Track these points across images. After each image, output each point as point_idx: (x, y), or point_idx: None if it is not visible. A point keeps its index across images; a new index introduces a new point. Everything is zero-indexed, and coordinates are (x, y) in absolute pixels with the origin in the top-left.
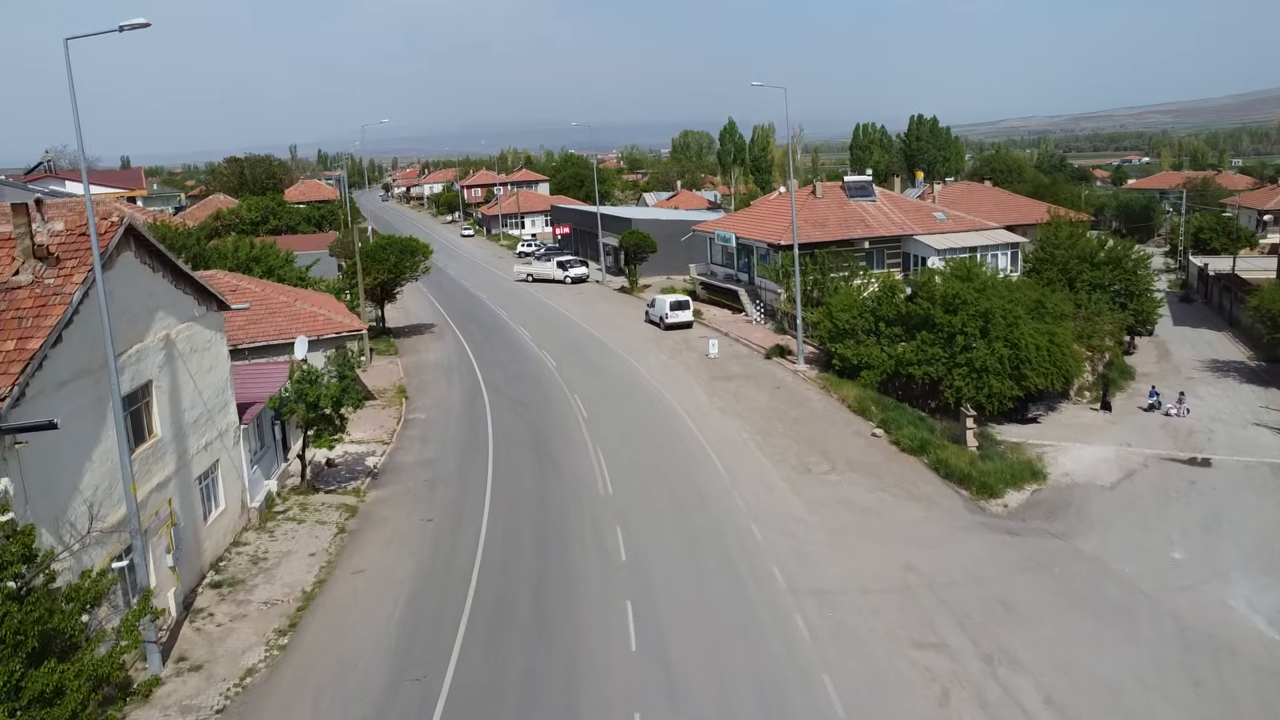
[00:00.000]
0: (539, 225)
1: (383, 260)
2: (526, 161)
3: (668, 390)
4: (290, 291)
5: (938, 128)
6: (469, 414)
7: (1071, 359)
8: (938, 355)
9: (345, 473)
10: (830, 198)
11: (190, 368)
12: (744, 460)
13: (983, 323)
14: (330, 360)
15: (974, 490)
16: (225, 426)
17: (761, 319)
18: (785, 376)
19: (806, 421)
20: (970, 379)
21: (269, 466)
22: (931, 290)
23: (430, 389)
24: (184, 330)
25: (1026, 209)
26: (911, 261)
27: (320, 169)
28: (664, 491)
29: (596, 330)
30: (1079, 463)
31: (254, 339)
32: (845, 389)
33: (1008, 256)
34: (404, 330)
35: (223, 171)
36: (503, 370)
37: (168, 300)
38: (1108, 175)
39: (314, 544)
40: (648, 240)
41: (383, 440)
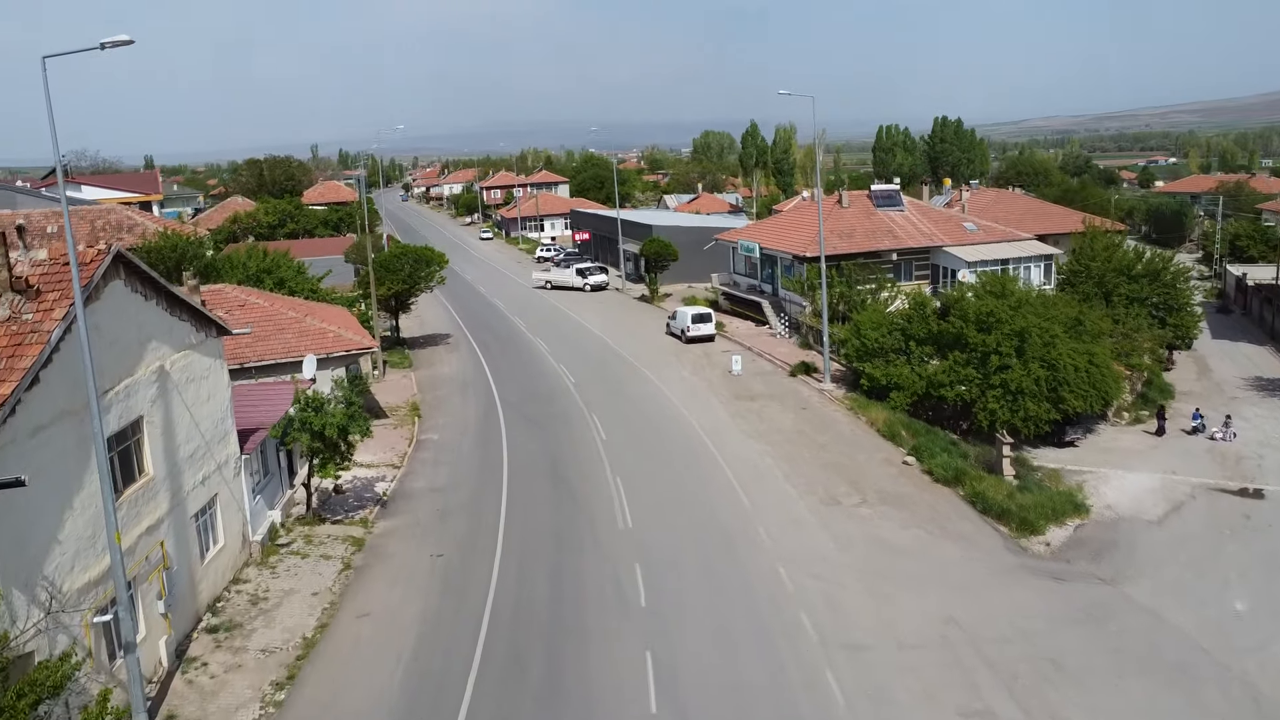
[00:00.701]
0: (558, 228)
1: (397, 270)
2: (547, 162)
3: (689, 410)
4: (301, 306)
5: (962, 129)
6: (483, 435)
7: (1111, 380)
8: (971, 376)
9: (353, 500)
10: (857, 207)
11: (187, 399)
12: (769, 490)
13: (1018, 342)
14: (337, 384)
15: (1013, 527)
16: (225, 458)
17: (786, 332)
18: (811, 396)
19: (834, 447)
20: (1005, 401)
21: (273, 495)
22: (964, 308)
23: (444, 406)
24: (180, 359)
25: (1058, 217)
26: (941, 274)
27: (340, 169)
28: (686, 526)
29: (616, 342)
30: (1122, 493)
31: (261, 357)
32: (874, 411)
33: (1041, 269)
34: (419, 341)
35: (242, 173)
36: (519, 386)
37: (162, 329)
38: (1134, 177)
39: (317, 582)
40: (669, 249)
41: (393, 464)
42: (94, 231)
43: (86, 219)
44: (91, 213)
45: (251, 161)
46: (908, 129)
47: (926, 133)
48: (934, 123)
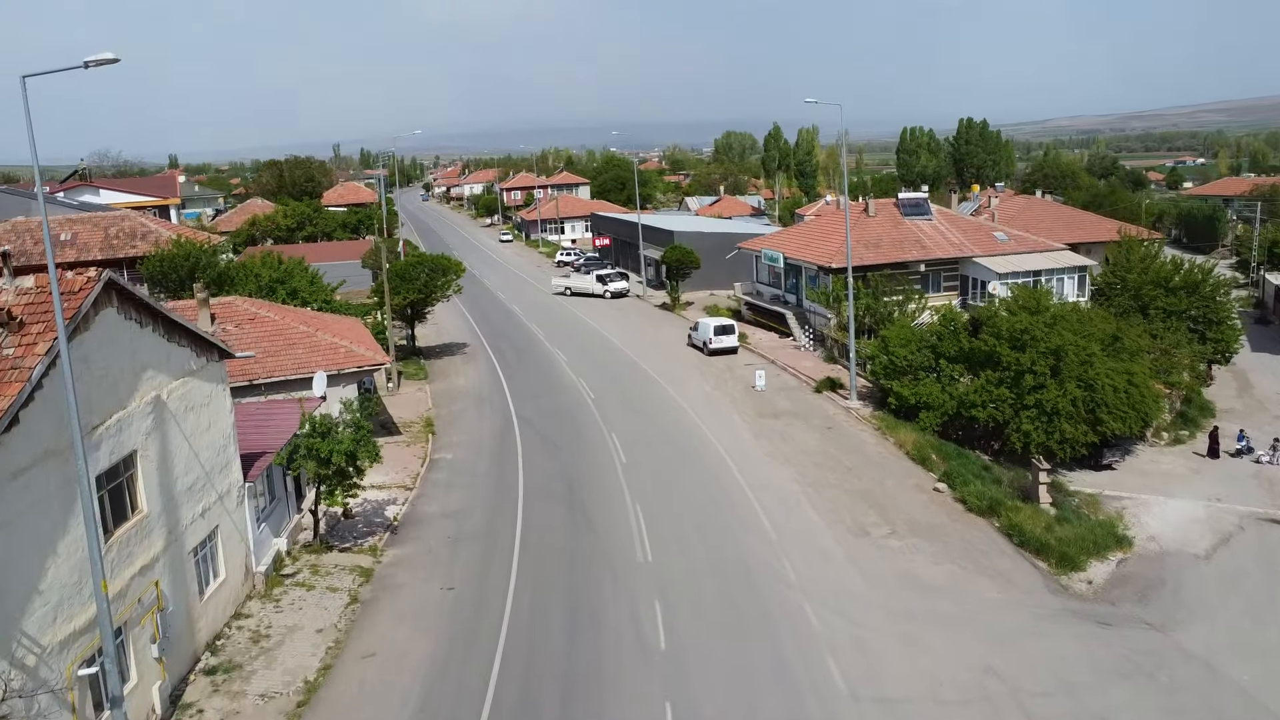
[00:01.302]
0: (578, 231)
1: (413, 279)
2: (568, 162)
3: (711, 428)
4: (313, 319)
5: (988, 131)
6: (499, 455)
7: (1151, 400)
8: (1004, 396)
9: (363, 525)
10: (884, 216)
11: (185, 429)
12: (794, 518)
13: (1054, 361)
14: (346, 406)
15: (1053, 563)
16: (227, 487)
17: (810, 345)
18: (837, 414)
19: (861, 471)
20: (1040, 423)
21: (279, 521)
22: (997, 324)
23: (459, 422)
24: (178, 388)
25: (1090, 225)
26: (970, 285)
27: (361, 168)
28: (707, 558)
29: (636, 354)
30: (1165, 523)
31: (271, 373)
32: (902, 432)
33: (1074, 280)
34: (435, 350)
35: (262, 174)
36: (536, 402)
37: (159, 357)
38: (1162, 178)
39: (322, 617)
40: (691, 256)
41: (405, 485)
42: (107, 239)
43: (100, 226)
44: (105, 220)
45: (271, 163)
46: (932, 131)
47: (950, 133)
48: (959, 124)
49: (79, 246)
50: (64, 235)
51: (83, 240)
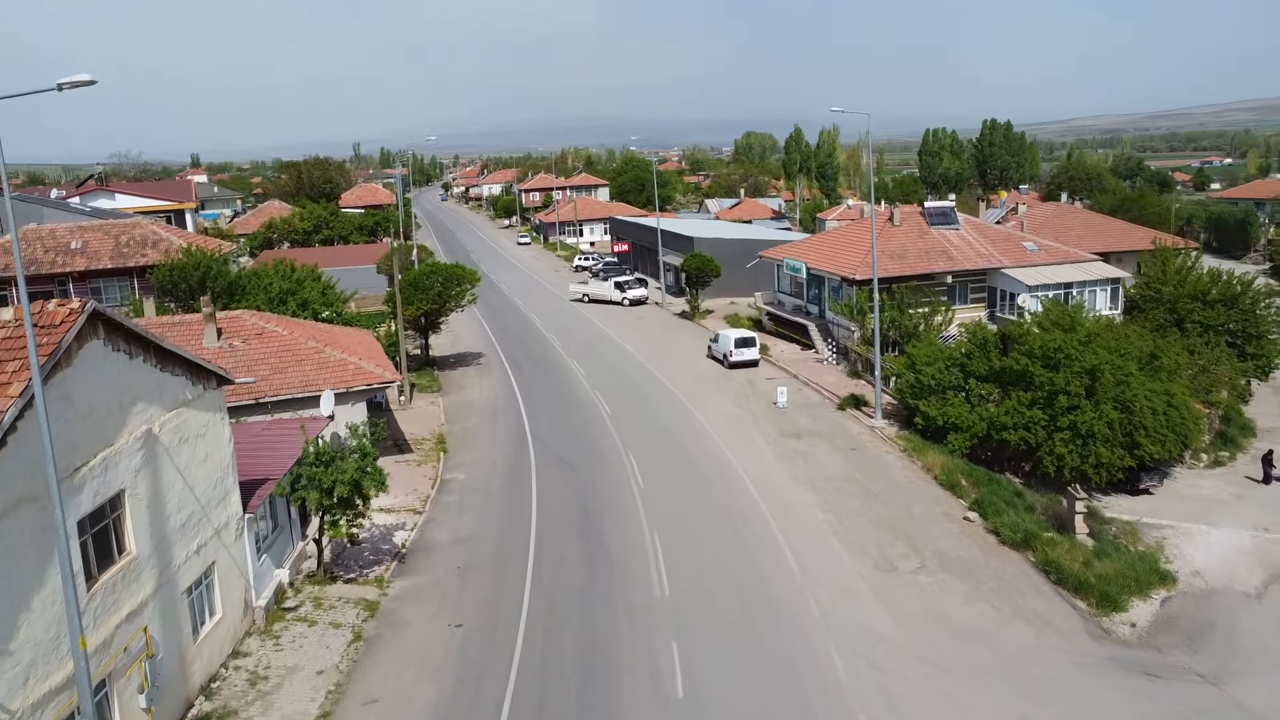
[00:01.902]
0: (597, 233)
1: (427, 289)
2: (587, 163)
3: (732, 449)
4: (323, 332)
5: (1011, 132)
6: (512, 477)
7: (1191, 422)
8: (1036, 418)
9: (369, 552)
10: (909, 225)
11: (179, 462)
12: (818, 549)
13: (1088, 381)
14: (351, 431)
15: (1093, 602)
16: (225, 520)
17: (833, 358)
18: (861, 434)
19: (888, 497)
20: (1074, 446)
21: (282, 551)
22: (1029, 342)
23: (472, 440)
24: (172, 419)
25: (1120, 234)
26: (998, 297)
27: (380, 168)
28: (728, 594)
29: (655, 366)
30: (1209, 555)
31: (278, 391)
32: (930, 455)
33: (1107, 293)
34: (450, 361)
35: (280, 176)
36: (552, 418)
37: (150, 388)
38: (1188, 179)
39: (323, 657)
40: (711, 265)
41: (414, 509)
42: (118, 247)
43: (111, 234)
44: (116, 227)
45: (289, 164)
46: (955, 132)
47: (971, 133)
48: (983, 126)
49: (89, 254)
50: (74, 243)
51: (93, 248)
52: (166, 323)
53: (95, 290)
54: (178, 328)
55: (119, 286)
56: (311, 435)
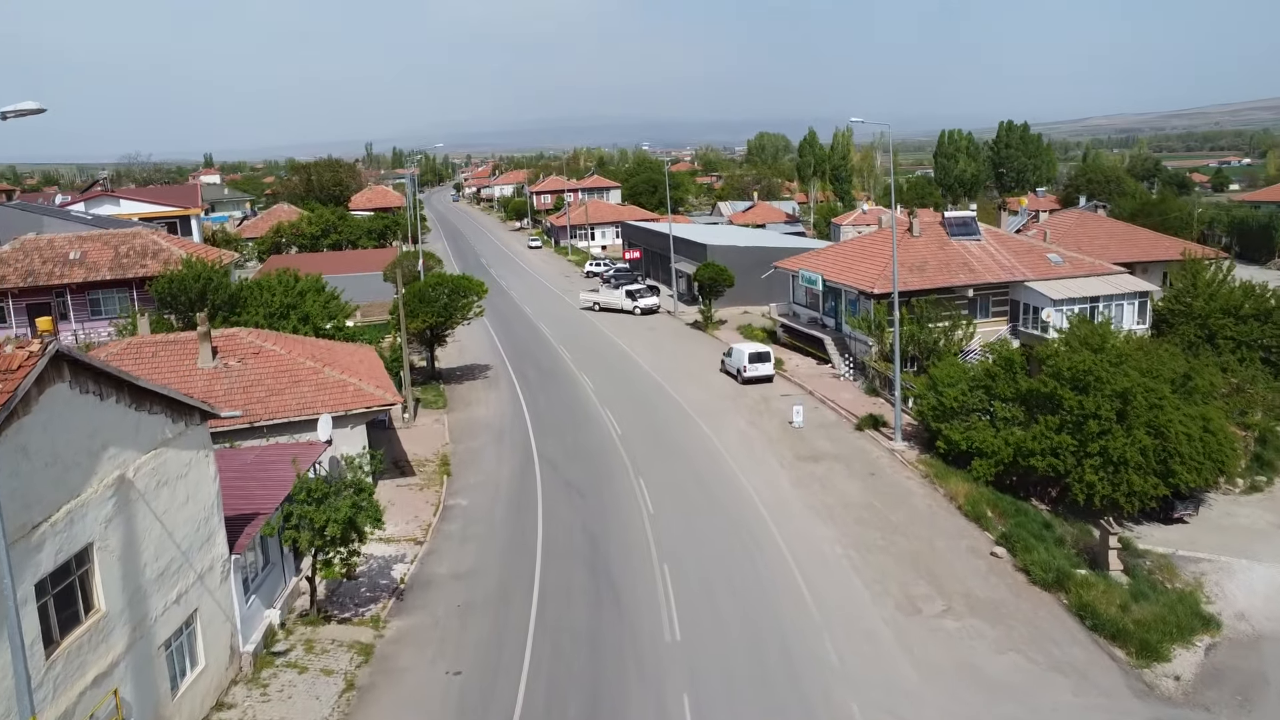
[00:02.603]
0: (608, 237)
1: (432, 301)
2: (599, 163)
3: (746, 474)
4: (323, 350)
5: (1028, 134)
6: (518, 503)
7: (1228, 448)
8: (1064, 443)
9: (366, 588)
10: (929, 236)
11: (157, 507)
12: (837, 588)
13: (1120, 405)
14: (347, 464)
15: (1133, 652)
16: (210, 563)
17: (850, 374)
18: (881, 458)
19: (909, 529)
20: (1105, 473)
21: (273, 589)
22: (1057, 363)
23: (477, 461)
24: (149, 462)
25: (1147, 243)
26: (1021, 311)
27: (392, 168)
28: (742, 638)
29: (667, 381)
30: (1252, 593)
31: (274, 414)
32: (954, 482)
33: (1134, 307)
34: (456, 374)
35: (290, 178)
36: (560, 438)
37: (124, 431)
38: (1206, 180)
39: (313, 709)
40: (724, 274)
41: (415, 538)
42: (118, 257)
43: (111, 244)
44: (116, 237)
45: (299, 166)
46: (971, 134)
47: (985, 133)
48: (999, 128)
49: (88, 265)
50: (73, 254)
51: (92, 259)
52: (161, 341)
53: (94, 302)
54: (171, 346)
55: (118, 298)
56: (307, 464)
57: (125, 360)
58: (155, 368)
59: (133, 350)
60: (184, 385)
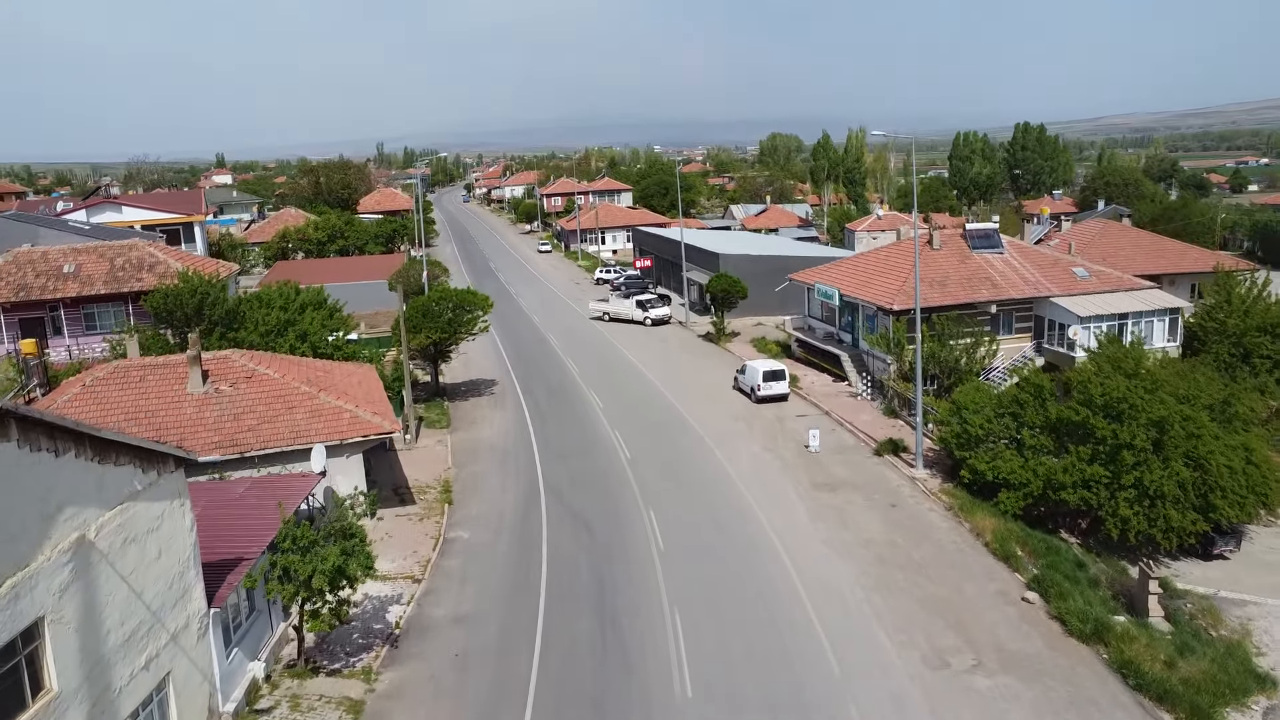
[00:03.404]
0: (619, 241)
1: (436, 317)
2: (610, 164)
3: (761, 505)
4: (320, 373)
5: (1045, 136)
6: (521, 537)
7: (1273, 480)
8: (1097, 475)
9: (358, 633)
10: (950, 249)
11: (124, 566)
12: (860, 639)
13: (1156, 434)
14: (338, 505)
15: (1183, 717)
16: (185, 621)
17: (867, 393)
18: (902, 487)
19: (934, 568)
20: (1140, 508)
21: (258, 639)
22: (1089, 390)
23: (480, 488)
24: (114, 519)
25: (1175, 255)
26: (1046, 327)
27: (403, 168)
28: (760, 699)
29: (677, 398)
30: None
31: (266, 443)
32: (980, 516)
33: (1165, 324)
34: (461, 390)
35: (299, 181)
36: (566, 463)
37: (84, 488)
38: (1224, 180)
39: None
40: (738, 286)
41: (413, 575)
42: (113, 270)
43: (106, 257)
44: (112, 250)
45: (308, 168)
46: (986, 136)
47: (997, 132)
48: (1015, 129)
49: (82, 279)
50: (66, 266)
51: (86, 271)
52: (149, 365)
53: (89, 316)
54: (160, 371)
55: (114, 312)
56: (297, 500)
57: (112, 385)
58: (143, 393)
59: (120, 375)
60: (172, 412)
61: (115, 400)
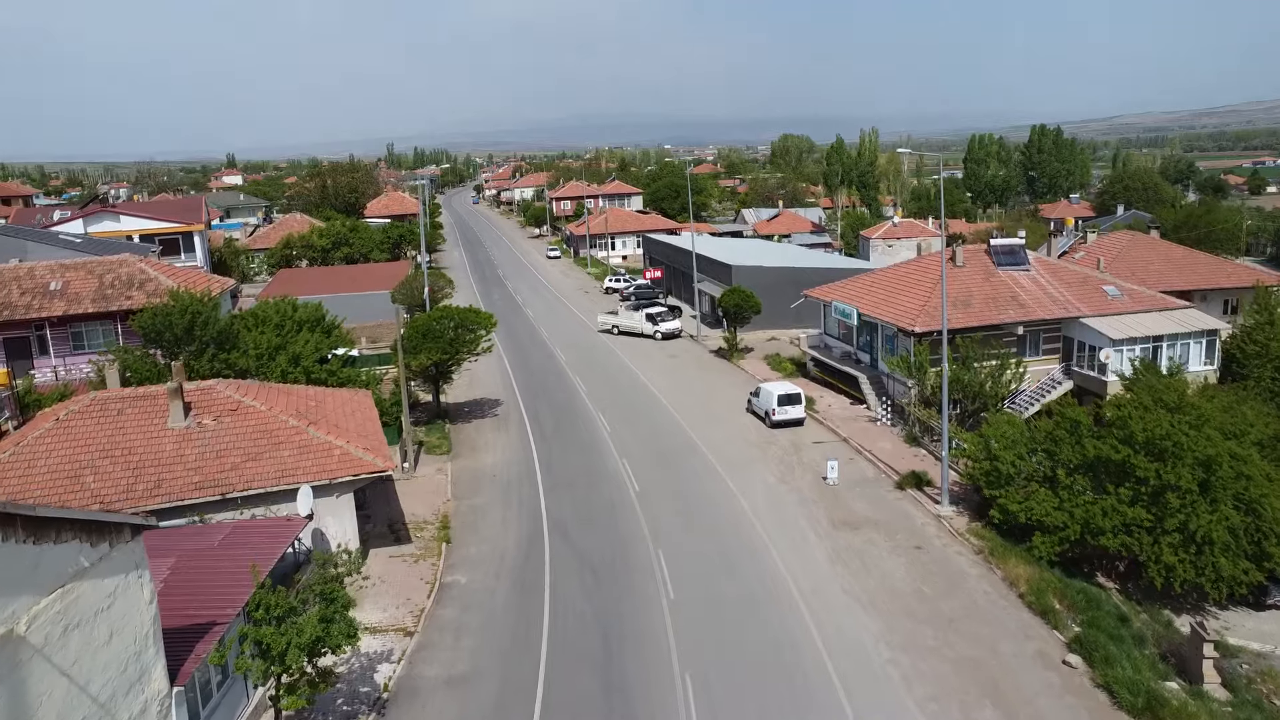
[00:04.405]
0: (629, 247)
1: (437, 336)
2: (620, 166)
3: (778, 545)
4: (311, 402)
5: (1061, 139)
6: (523, 582)
7: None
8: (1139, 518)
9: (343, 697)
10: (973, 265)
11: (64, 658)
12: (887, 708)
13: (1203, 474)
14: (318, 563)
15: None
16: (142, 706)
17: (887, 418)
18: (927, 526)
19: (966, 623)
20: (1186, 554)
21: (234, 707)
22: (1129, 426)
23: (480, 524)
24: (50, 606)
25: (1207, 270)
26: (1075, 349)
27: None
28: None
29: (689, 422)
30: None
31: (249, 483)
32: (1013, 562)
33: (1201, 346)
34: (464, 410)
35: (306, 184)
36: (572, 494)
37: (16, 574)
38: (1242, 182)
39: None
40: (751, 301)
41: (405, 628)
42: (101, 288)
43: (95, 273)
44: (101, 266)
45: (314, 172)
46: (1001, 138)
47: (1010, 132)
48: (1031, 132)
49: (69, 297)
50: (53, 284)
51: (74, 289)
52: (129, 397)
53: (76, 335)
54: (140, 403)
55: (102, 331)
56: (283, 546)
57: (87, 419)
58: (120, 428)
59: (97, 407)
60: (150, 449)
61: (90, 436)
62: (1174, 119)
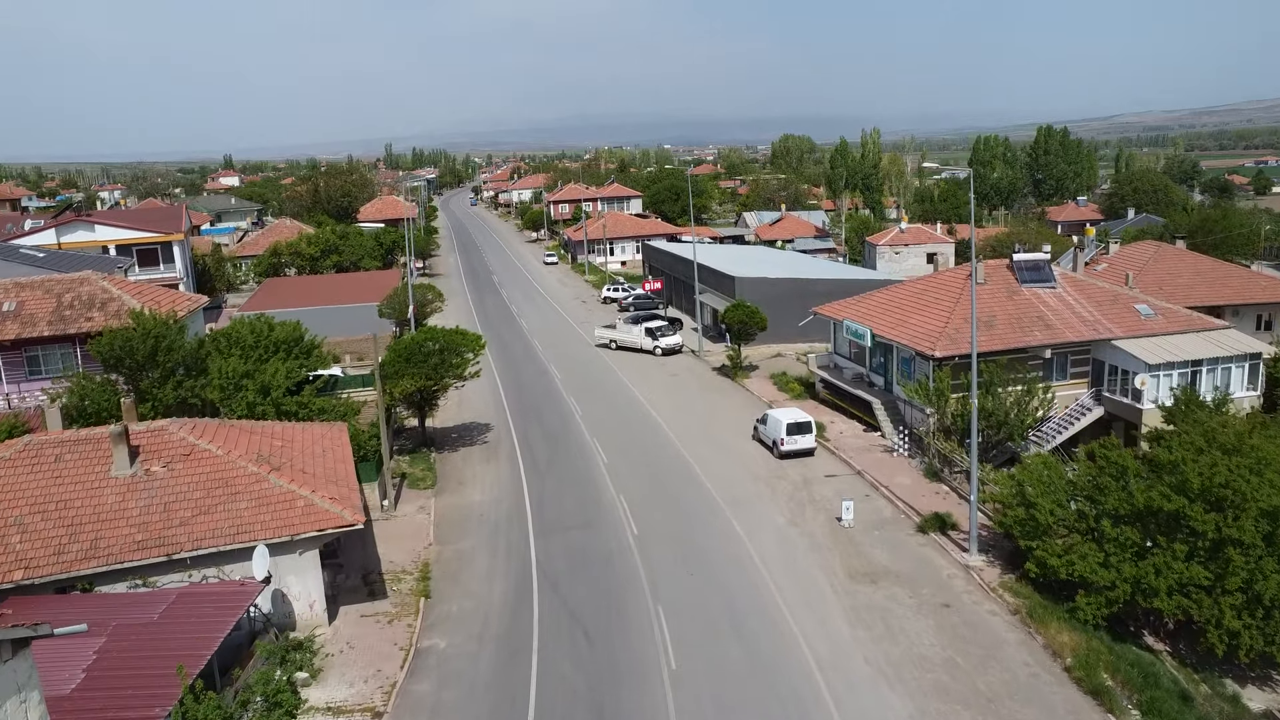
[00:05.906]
0: (628, 252)
1: (420, 361)
2: (620, 167)
3: (791, 603)
4: (277, 441)
5: (1068, 140)
6: (508, 646)
7: None
8: (1197, 577)
9: None
10: (995, 282)
11: None
12: None
13: (1269, 527)
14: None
15: None
16: None
17: (904, 448)
18: (954, 579)
19: (1007, 705)
20: (1252, 619)
21: None
22: (1183, 472)
23: (464, 574)
24: None
25: (1240, 283)
26: (1106, 373)
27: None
28: None
29: (691, 451)
30: None
31: (199, 542)
32: (1054, 626)
33: (1244, 371)
34: (451, 436)
35: (298, 188)
36: (565, 538)
37: None
38: (1247, 182)
39: None
40: (756, 317)
41: (372, 708)
42: (59, 309)
43: (53, 293)
44: (60, 285)
45: (308, 175)
46: (1007, 139)
47: (1013, 131)
48: (1037, 133)
49: (23, 319)
50: (6, 305)
51: (29, 310)
52: (69, 441)
53: (32, 359)
54: (81, 448)
55: (60, 355)
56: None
57: (20, 467)
58: (57, 477)
59: (32, 453)
60: (89, 502)
61: (21, 486)
62: (1174, 118)
